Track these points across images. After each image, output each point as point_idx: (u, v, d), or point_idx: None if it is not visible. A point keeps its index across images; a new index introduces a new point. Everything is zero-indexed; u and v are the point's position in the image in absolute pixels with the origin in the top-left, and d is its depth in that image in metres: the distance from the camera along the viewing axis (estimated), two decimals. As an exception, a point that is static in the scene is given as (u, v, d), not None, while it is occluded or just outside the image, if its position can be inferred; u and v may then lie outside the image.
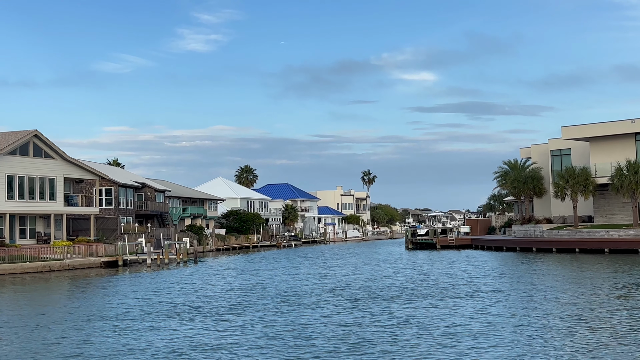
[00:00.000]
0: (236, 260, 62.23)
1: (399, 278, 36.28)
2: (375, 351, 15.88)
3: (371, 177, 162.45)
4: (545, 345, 16.34)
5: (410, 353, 15.73)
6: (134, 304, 26.89)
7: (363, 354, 15.71)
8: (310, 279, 36.63)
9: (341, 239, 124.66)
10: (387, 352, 15.78)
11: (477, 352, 15.65)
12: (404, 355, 15.52)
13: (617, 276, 33.55)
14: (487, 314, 21.72)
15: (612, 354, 15.18)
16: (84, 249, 54.63)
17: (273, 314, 22.54)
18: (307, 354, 15.86)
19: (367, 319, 20.83)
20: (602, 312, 21.44)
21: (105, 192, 71.07)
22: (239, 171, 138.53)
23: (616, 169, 55.79)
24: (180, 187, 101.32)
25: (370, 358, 15.29)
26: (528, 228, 63.84)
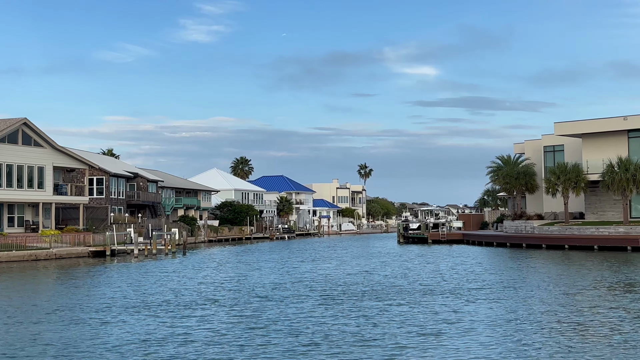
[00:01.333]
0: (225, 252, 62.06)
1: (381, 274, 36.06)
2: (331, 350, 15.57)
3: (367, 171, 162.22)
4: (519, 347, 16.12)
5: (366, 352, 15.48)
6: (104, 295, 26.66)
7: (318, 352, 15.40)
8: (292, 273, 36.35)
9: (336, 232, 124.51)
10: (343, 352, 15.50)
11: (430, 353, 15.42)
12: (356, 354, 15.24)
13: (600, 274, 33.35)
14: (461, 312, 21.50)
15: (592, 353, 14.98)
16: (71, 238, 54.38)
17: (240, 308, 22.11)
18: (258, 350, 15.50)
19: (333, 316, 20.34)
20: (577, 312, 21.24)
21: (97, 181, 70.88)
22: (235, 163, 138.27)
23: (607, 166, 55.54)
24: (174, 177, 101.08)
25: (322, 357, 15.02)
26: (519, 224, 63.65)
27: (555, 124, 62.43)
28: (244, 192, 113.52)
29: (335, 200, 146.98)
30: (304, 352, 15.35)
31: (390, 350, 15.41)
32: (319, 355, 14.92)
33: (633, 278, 30.86)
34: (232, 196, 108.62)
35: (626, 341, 16.15)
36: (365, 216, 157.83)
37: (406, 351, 15.34)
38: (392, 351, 15.36)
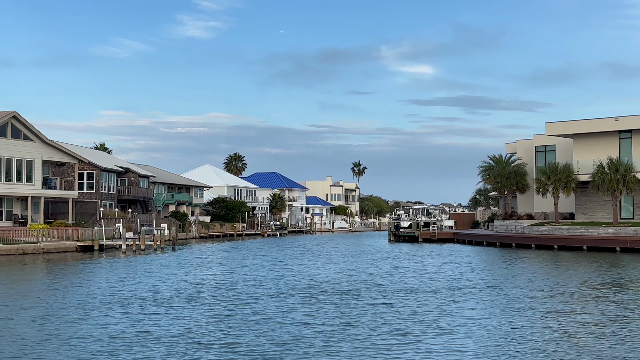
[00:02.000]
0: (214, 249, 61.88)
1: (365, 272, 35.96)
2: (297, 351, 15.41)
3: (361, 169, 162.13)
4: (492, 349, 16.03)
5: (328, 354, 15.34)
6: (81, 291, 26.51)
7: (284, 352, 15.23)
8: (276, 271, 36.14)
9: (328, 230, 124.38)
10: (309, 352, 15.37)
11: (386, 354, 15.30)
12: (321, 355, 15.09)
13: (584, 276, 33.30)
14: (439, 312, 21.40)
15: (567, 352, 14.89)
16: (59, 232, 54.19)
17: (215, 306, 21.82)
18: (223, 349, 15.30)
19: (308, 315, 20.09)
20: (554, 314, 21.15)
21: (87, 176, 70.61)
22: (228, 159, 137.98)
23: (597, 167, 55.50)
24: (166, 172, 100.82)
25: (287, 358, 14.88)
26: (509, 223, 63.61)
27: (547, 124, 62.38)
28: (237, 188, 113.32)
29: (329, 197, 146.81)
30: (269, 351, 15.17)
31: (360, 351, 15.27)
32: (285, 357, 14.71)
33: (615, 279, 30.80)
34: (225, 192, 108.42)
35: (608, 341, 16.07)
36: (358, 214, 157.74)
37: (374, 351, 15.19)
38: (362, 351, 15.23)
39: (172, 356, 14.66)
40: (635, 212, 58.26)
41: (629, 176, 54.02)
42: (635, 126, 57.59)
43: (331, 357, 14.61)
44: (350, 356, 14.67)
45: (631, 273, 33.79)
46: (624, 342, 16.13)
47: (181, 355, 14.73)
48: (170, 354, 14.89)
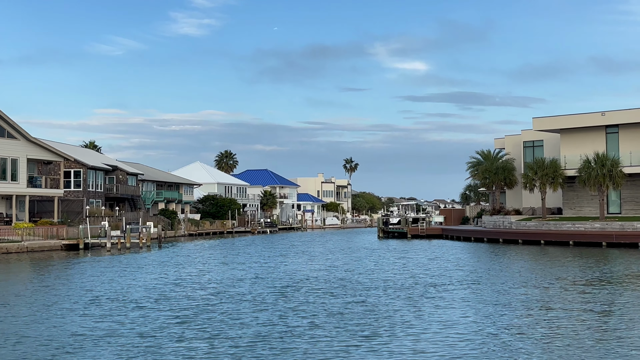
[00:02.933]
0: (201, 247, 61.61)
1: (347, 269, 35.80)
2: (254, 351, 15.19)
3: (353, 165, 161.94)
4: (460, 349, 15.85)
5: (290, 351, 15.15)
6: (50, 290, 26.27)
7: (241, 352, 15.02)
8: (256, 268, 35.80)
9: (319, 227, 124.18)
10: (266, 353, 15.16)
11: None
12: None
13: (562, 272, 33.18)
14: (412, 310, 21.24)
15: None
16: (44, 231, 53.81)
17: (182, 306, 21.35)
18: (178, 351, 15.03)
19: (275, 313, 19.80)
20: (526, 309, 21.01)
21: (74, 174, 70.22)
22: (219, 156, 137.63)
23: (584, 162, 55.41)
24: (156, 170, 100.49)
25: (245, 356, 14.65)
26: (497, 219, 63.50)
27: (534, 119, 62.26)
28: (227, 185, 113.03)
29: (320, 194, 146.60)
30: (224, 352, 14.95)
31: (321, 351, 15.07)
32: (243, 357, 14.47)
33: (594, 275, 30.68)
34: (215, 190, 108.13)
35: (578, 338, 15.91)
36: (350, 210, 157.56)
37: (334, 351, 14.97)
38: (322, 351, 15.03)
39: (121, 357, 14.42)
40: (623, 206, 58.23)
41: (616, 171, 53.93)
42: (621, 121, 57.54)
43: (289, 357, 14.40)
44: (310, 356, 14.45)
45: (612, 269, 33.67)
46: (603, 338, 15.98)
47: (132, 354, 14.49)
48: (119, 355, 14.62)
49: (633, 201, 57.84)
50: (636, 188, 57.66)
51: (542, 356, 14.14)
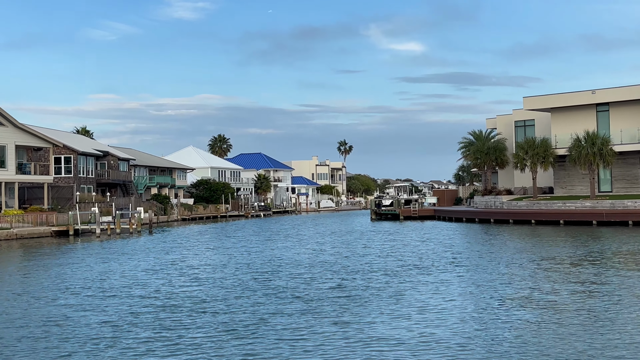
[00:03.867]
0: (192, 231, 61.47)
1: (332, 252, 35.71)
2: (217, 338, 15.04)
3: (347, 147, 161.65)
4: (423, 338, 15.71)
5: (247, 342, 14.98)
6: (27, 278, 26.09)
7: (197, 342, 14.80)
8: (241, 253, 35.33)
9: (314, 209, 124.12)
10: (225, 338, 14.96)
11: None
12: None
13: (548, 250, 33.09)
14: (389, 294, 21.10)
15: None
16: (34, 217, 53.62)
17: (152, 294, 20.82)
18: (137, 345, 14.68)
19: (247, 300, 19.40)
20: (504, 288, 20.90)
21: (65, 160, 69.91)
22: (213, 140, 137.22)
23: (574, 141, 55.24)
24: (149, 155, 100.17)
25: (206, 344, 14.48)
26: (489, 199, 63.41)
27: (525, 98, 62.03)
28: (221, 170, 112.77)
29: (315, 177, 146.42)
30: (186, 341, 14.81)
31: (285, 337, 14.94)
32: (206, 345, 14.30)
33: (586, 253, 30.61)
34: (209, 174, 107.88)
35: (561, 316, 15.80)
36: (345, 193, 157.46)
37: (304, 339, 14.83)
38: (288, 337, 14.91)
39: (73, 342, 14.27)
40: (614, 185, 58.16)
41: (606, 149, 53.80)
42: (612, 99, 57.35)
43: (257, 343, 14.27)
44: (278, 344, 14.32)
45: (601, 247, 33.59)
46: (589, 318, 15.87)
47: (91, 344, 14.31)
48: (78, 344, 14.47)
49: (624, 179, 57.77)
50: (627, 166, 57.57)
51: (529, 339, 14.01)
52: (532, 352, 12.64)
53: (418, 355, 12.67)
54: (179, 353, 13.26)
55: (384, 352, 12.95)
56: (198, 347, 13.64)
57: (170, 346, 13.86)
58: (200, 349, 13.49)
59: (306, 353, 13.03)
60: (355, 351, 13.03)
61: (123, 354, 13.27)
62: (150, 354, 13.24)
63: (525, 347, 13.04)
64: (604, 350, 12.63)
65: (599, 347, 12.86)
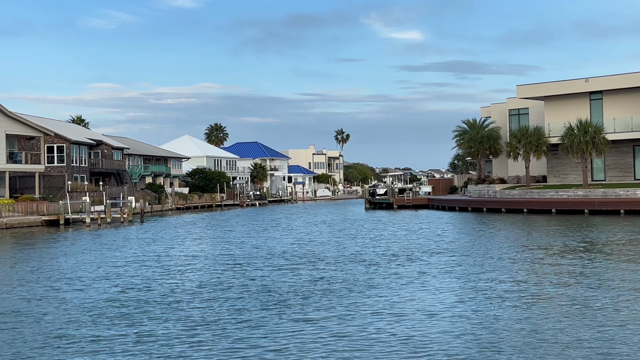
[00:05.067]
0: (184, 220, 61.24)
1: (319, 242, 35.53)
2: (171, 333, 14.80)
3: (345, 136, 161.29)
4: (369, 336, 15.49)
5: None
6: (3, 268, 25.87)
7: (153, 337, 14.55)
8: (221, 244, 34.56)
9: (311, 198, 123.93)
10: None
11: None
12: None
13: (536, 239, 32.91)
14: (367, 285, 20.91)
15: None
16: (24, 207, 53.43)
17: (121, 286, 20.39)
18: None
19: (217, 293, 19.05)
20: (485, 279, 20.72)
21: (58, 149, 69.65)
22: (209, 129, 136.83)
23: (567, 129, 54.95)
24: (143, 144, 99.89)
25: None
26: (482, 188, 63.19)
27: (518, 86, 61.69)
28: (217, 158, 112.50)
29: (312, 166, 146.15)
30: (142, 336, 14.61)
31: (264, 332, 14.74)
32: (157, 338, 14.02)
33: (571, 242, 30.42)
34: (204, 163, 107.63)
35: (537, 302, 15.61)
36: (342, 182, 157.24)
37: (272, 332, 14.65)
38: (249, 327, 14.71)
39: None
40: (607, 173, 57.92)
41: (599, 137, 53.51)
42: (605, 87, 57.00)
43: (223, 339, 14.08)
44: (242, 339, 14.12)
45: (589, 236, 33.40)
46: (575, 308, 15.69)
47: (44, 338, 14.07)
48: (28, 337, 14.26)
49: (617, 168, 57.52)
50: (620, 155, 57.31)
51: (512, 331, 13.83)
52: (517, 344, 12.43)
53: (391, 349, 12.48)
54: (130, 350, 12.87)
55: (350, 349, 12.76)
56: (149, 343, 13.32)
57: (118, 342, 13.60)
58: (153, 345, 13.23)
59: (266, 352, 12.83)
60: (323, 348, 12.84)
61: (65, 351, 12.89)
62: (100, 351, 13.00)
63: (508, 339, 12.82)
64: (593, 341, 12.42)
65: (586, 338, 12.64)
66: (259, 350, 12.41)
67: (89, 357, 12.27)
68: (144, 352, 12.47)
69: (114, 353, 12.48)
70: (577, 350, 11.87)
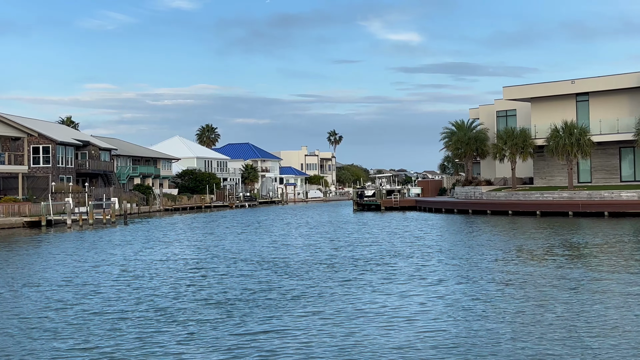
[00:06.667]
0: (169, 222, 60.84)
1: (294, 245, 35.22)
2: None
3: (337, 138, 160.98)
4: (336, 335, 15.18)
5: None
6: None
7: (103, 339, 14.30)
8: (193, 247, 33.99)
9: (301, 200, 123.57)
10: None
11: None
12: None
13: (515, 241, 32.61)
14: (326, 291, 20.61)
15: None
16: (5, 208, 53.04)
17: (76, 289, 20.11)
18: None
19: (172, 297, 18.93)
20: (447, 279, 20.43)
21: (43, 150, 69.27)
22: (200, 130, 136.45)
23: (552, 131, 54.70)
24: (133, 145, 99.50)
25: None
26: (468, 190, 62.93)
27: (504, 88, 61.46)
28: (207, 160, 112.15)
29: (304, 167, 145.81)
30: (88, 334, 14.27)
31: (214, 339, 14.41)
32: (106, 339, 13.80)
33: (549, 245, 30.13)
34: (195, 164, 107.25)
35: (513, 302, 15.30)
36: (334, 183, 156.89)
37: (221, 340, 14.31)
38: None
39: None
40: (593, 175, 57.68)
41: (584, 139, 53.27)
42: (591, 89, 56.78)
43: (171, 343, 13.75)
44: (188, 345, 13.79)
45: (570, 239, 33.12)
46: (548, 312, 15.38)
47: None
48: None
49: (603, 170, 57.28)
50: (607, 157, 57.07)
51: (495, 336, 13.52)
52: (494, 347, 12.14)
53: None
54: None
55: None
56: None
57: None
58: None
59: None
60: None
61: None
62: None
63: (485, 342, 12.53)
64: (567, 341, 12.13)
65: (559, 339, 12.36)
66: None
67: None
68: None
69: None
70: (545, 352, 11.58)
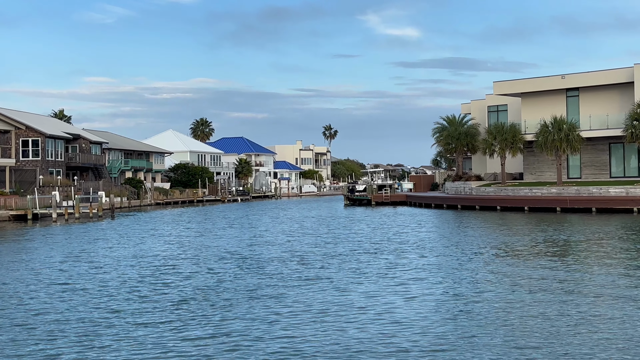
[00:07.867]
0: (157, 216, 60.52)
1: (274, 242, 35.01)
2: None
3: (332, 132, 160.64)
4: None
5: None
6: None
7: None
8: (171, 243, 33.56)
9: (295, 194, 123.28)
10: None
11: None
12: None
13: (498, 237, 32.39)
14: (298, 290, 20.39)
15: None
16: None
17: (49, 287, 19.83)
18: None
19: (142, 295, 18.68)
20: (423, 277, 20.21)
21: (32, 143, 68.86)
22: (195, 124, 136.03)
23: (541, 126, 54.44)
24: (125, 139, 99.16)
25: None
26: (458, 185, 62.70)
27: (495, 83, 61.19)
28: (201, 154, 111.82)
29: (299, 162, 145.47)
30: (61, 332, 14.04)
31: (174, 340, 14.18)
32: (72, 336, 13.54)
33: (531, 241, 29.91)
34: (188, 158, 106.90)
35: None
36: (329, 178, 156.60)
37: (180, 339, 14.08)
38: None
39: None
40: (583, 171, 57.45)
41: (573, 135, 53.03)
42: (581, 84, 56.54)
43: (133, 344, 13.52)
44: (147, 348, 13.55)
45: (554, 235, 32.90)
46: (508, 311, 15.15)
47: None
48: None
49: (593, 165, 57.06)
50: (596, 152, 56.84)
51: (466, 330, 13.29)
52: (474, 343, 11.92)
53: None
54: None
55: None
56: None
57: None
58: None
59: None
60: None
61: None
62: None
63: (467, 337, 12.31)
64: (557, 339, 11.91)
65: (546, 335, 12.14)
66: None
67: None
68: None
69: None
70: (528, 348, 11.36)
